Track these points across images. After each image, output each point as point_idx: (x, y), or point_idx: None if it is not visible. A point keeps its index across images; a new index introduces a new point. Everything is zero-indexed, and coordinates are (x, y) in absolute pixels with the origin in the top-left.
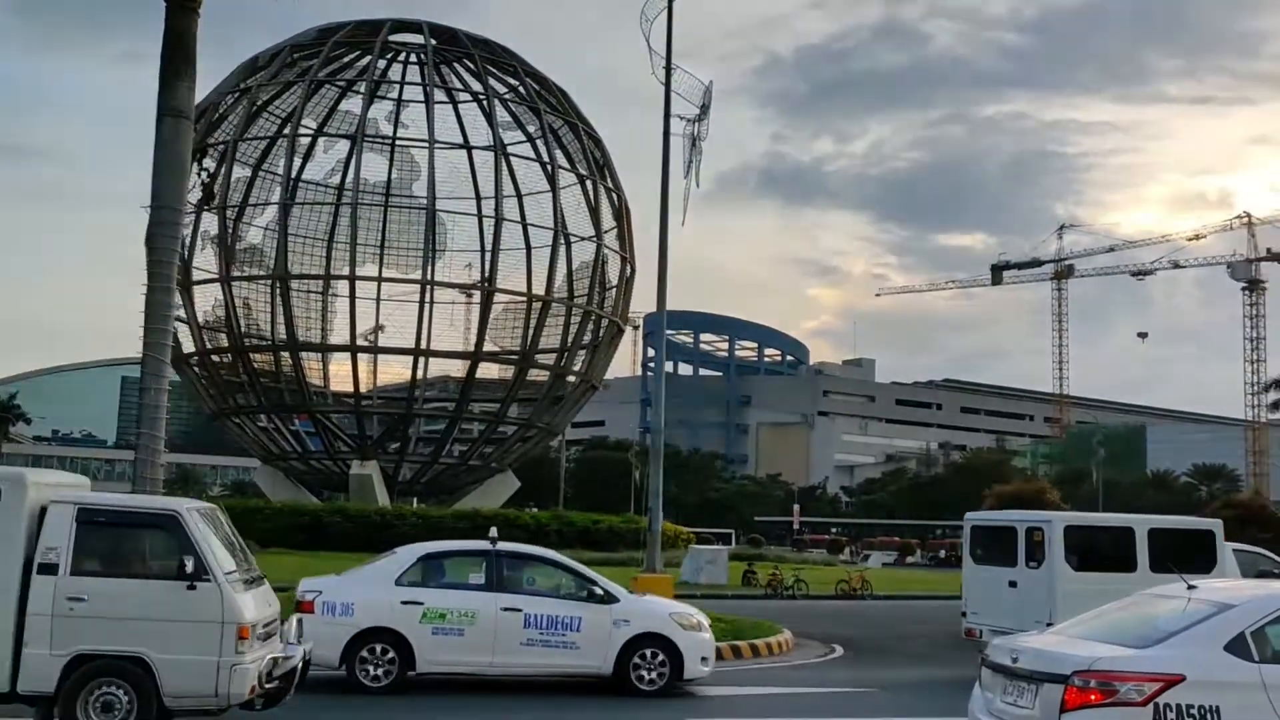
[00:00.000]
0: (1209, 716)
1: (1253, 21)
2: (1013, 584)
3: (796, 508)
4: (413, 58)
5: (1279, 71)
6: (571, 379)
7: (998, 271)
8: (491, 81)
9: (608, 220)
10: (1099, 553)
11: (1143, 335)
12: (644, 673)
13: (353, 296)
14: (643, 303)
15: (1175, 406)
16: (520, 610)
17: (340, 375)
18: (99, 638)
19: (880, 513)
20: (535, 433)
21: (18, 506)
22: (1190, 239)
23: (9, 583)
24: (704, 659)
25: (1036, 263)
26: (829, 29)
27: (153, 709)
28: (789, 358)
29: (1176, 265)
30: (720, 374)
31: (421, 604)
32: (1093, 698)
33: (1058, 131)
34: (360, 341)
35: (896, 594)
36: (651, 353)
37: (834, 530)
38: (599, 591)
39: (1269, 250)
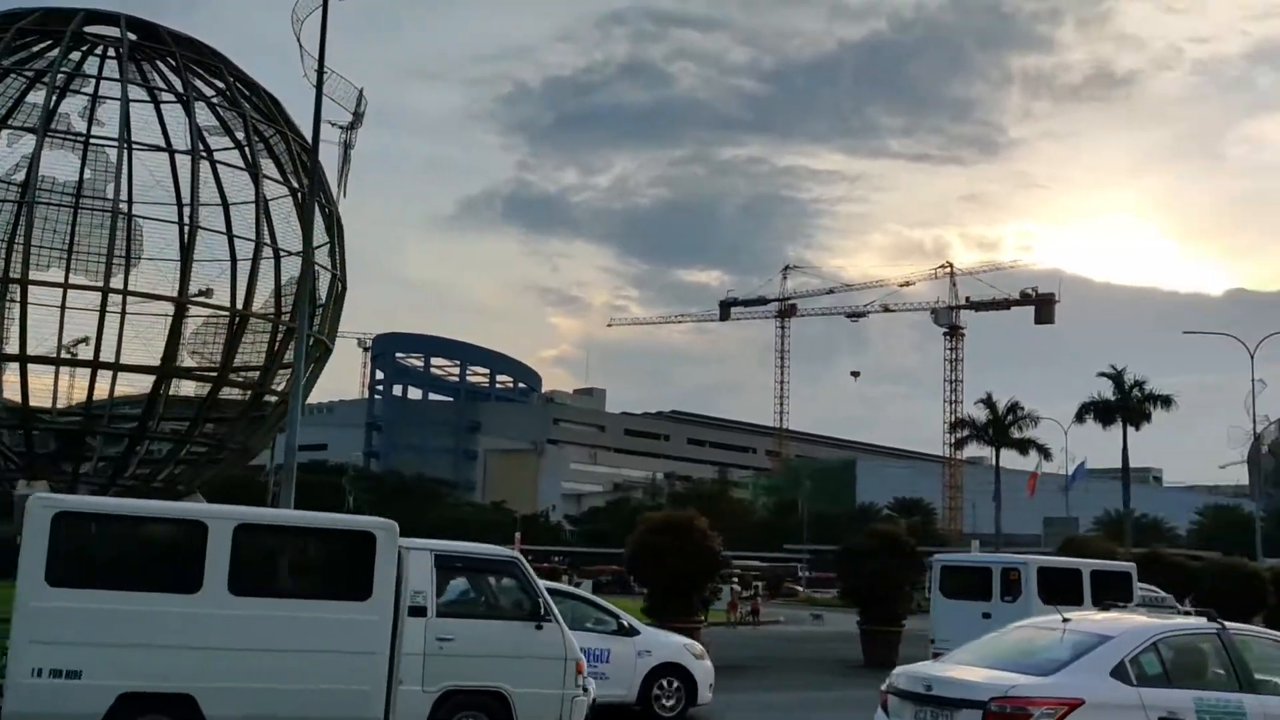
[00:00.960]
0: None
1: (964, 89)
2: (986, 615)
3: (518, 535)
4: (110, 51)
5: (985, 136)
6: (272, 398)
7: (726, 308)
8: (196, 83)
9: (320, 235)
10: (1058, 589)
11: (855, 374)
12: (665, 700)
13: (24, 302)
14: (373, 323)
15: (886, 443)
16: None
17: (13, 386)
18: (464, 674)
19: (601, 541)
20: (227, 454)
21: (392, 553)
22: (902, 285)
23: (385, 624)
24: (710, 685)
25: (762, 301)
26: (577, 62)
27: None
28: (521, 385)
29: (886, 309)
30: (451, 399)
31: None
32: None
33: (791, 177)
34: (64, 354)
35: None
36: (381, 375)
37: (554, 559)
38: (625, 624)
39: (968, 299)
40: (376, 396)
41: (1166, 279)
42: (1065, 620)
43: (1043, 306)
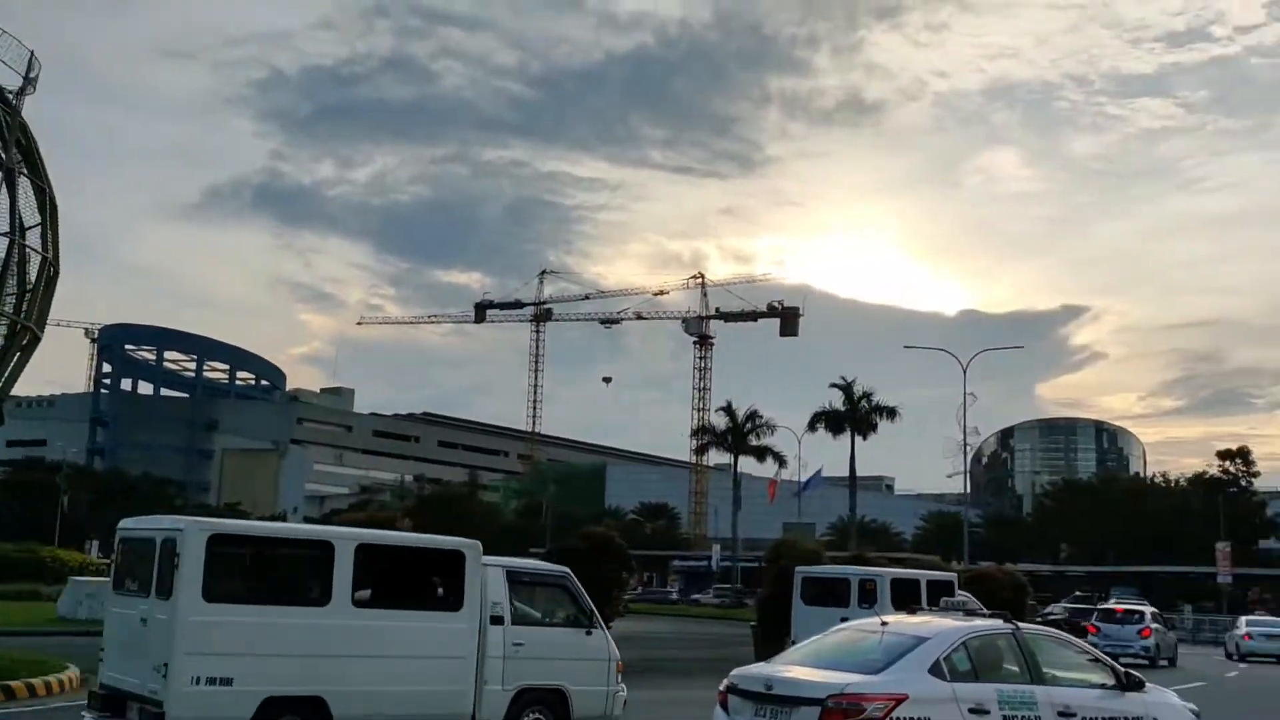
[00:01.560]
0: None
1: (726, 105)
2: (844, 619)
3: None
4: None
5: (744, 152)
6: None
7: (481, 310)
8: None
9: (31, 216)
10: (904, 596)
11: (607, 380)
12: None
13: None
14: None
15: (639, 448)
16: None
17: None
18: (534, 674)
19: None
20: None
21: (478, 568)
22: (656, 294)
23: (474, 632)
24: None
25: (518, 304)
26: (338, 53)
27: None
28: (264, 382)
29: (640, 317)
30: (186, 395)
31: None
32: (845, 715)
33: (554, 182)
34: None
35: None
36: (109, 368)
37: None
38: None
39: (718, 309)
40: (103, 390)
41: (906, 298)
42: (884, 624)
43: (788, 319)
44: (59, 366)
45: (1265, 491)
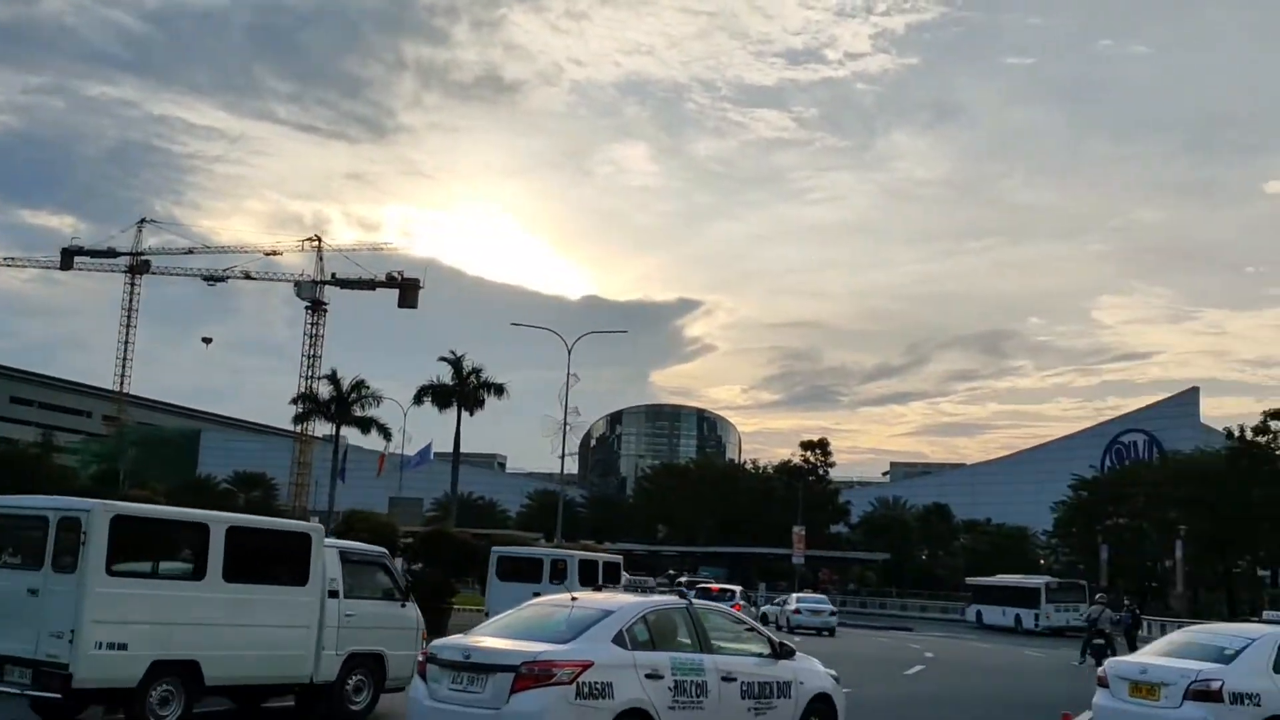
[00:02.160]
0: (607, 689)
1: (358, 66)
2: (537, 594)
3: None
4: None
5: (375, 117)
6: None
7: (69, 256)
8: None
9: None
10: (586, 574)
11: (207, 340)
12: None
13: None
14: None
15: (248, 416)
16: None
17: None
18: (361, 641)
19: None
20: None
21: (320, 549)
22: (269, 254)
23: (316, 605)
24: None
25: (112, 253)
26: None
27: (381, 687)
28: None
29: (249, 276)
30: None
31: None
32: (536, 681)
33: (165, 127)
34: None
35: None
36: None
37: None
38: None
39: (334, 275)
40: None
41: (533, 280)
42: (574, 599)
43: (407, 291)
44: None
45: (840, 481)
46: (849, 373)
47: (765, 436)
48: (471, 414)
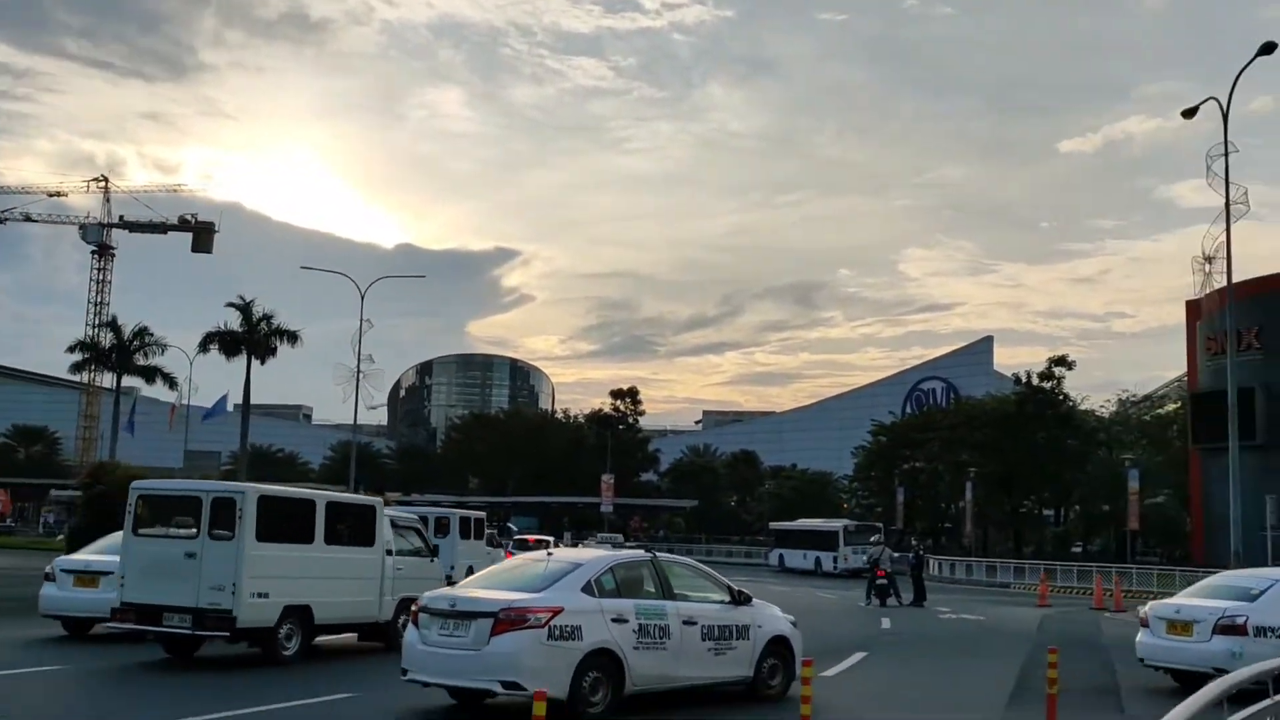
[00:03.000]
0: (576, 631)
1: (156, 3)
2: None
3: None
4: None
5: (174, 55)
6: None
7: None
8: None
9: None
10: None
11: None
12: None
13: None
14: None
15: (35, 368)
16: None
17: None
18: (407, 589)
19: None
20: None
21: (383, 519)
22: (52, 195)
23: (380, 561)
24: None
25: None
26: None
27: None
28: None
29: (29, 219)
30: None
31: None
32: (512, 625)
33: None
34: None
35: None
36: None
37: None
38: None
39: (122, 218)
40: None
41: (344, 227)
42: (549, 554)
43: (201, 235)
44: None
45: (652, 430)
46: (665, 323)
47: (584, 387)
48: (263, 362)
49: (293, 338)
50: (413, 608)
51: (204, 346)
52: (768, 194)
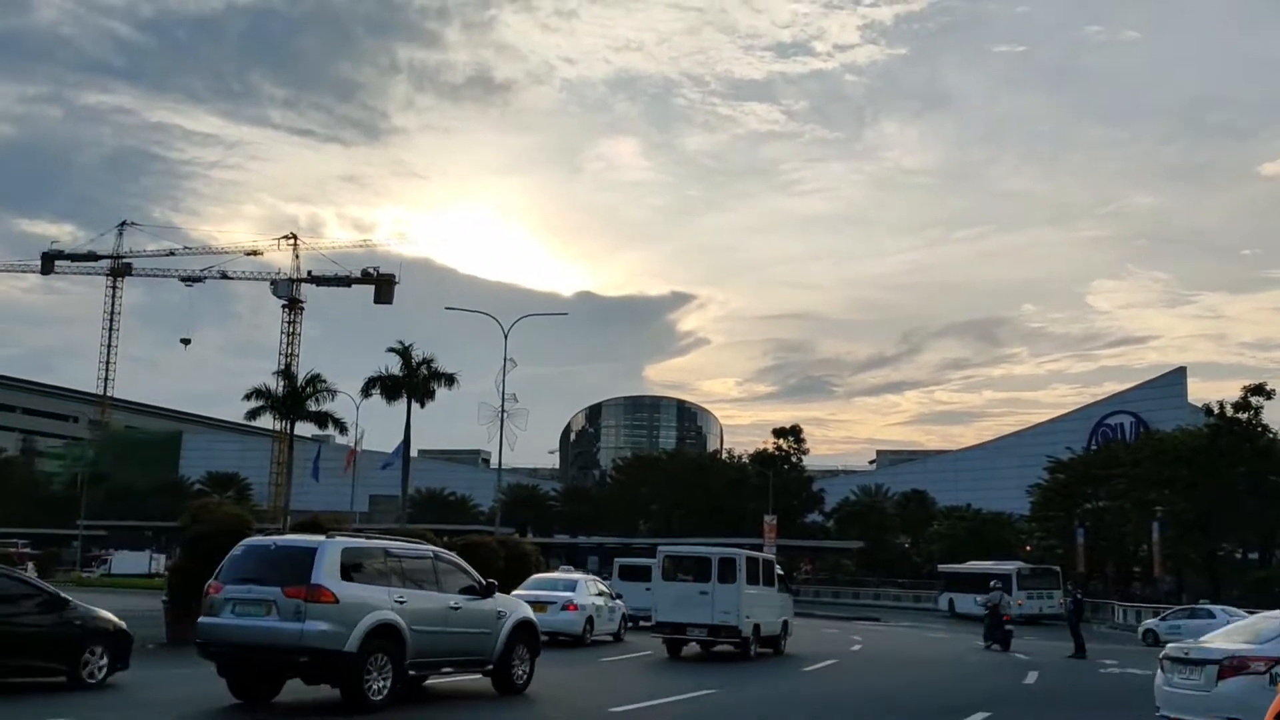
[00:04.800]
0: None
1: (352, 71)
2: (704, 593)
3: None
4: None
5: (369, 120)
6: None
7: (49, 260)
8: None
9: None
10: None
11: (186, 341)
12: None
13: None
14: None
15: (235, 418)
16: None
17: None
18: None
19: None
20: None
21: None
22: (250, 253)
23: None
24: None
25: (92, 256)
26: None
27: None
28: None
29: (225, 276)
30: None
31: None
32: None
33: (162, 134)
34: None
35: None
36: None
37: None
38: None
39: (309, 272)
40: None
41: (526, 277)
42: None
43: (382, 287)
44: None
45: (823, 470)
46: (842, 363)
47: (760, 429)
48: (423, 405)
49: (450, 380)
50: (1160, 656)
51: (366, 391)
52: (945, 230)
